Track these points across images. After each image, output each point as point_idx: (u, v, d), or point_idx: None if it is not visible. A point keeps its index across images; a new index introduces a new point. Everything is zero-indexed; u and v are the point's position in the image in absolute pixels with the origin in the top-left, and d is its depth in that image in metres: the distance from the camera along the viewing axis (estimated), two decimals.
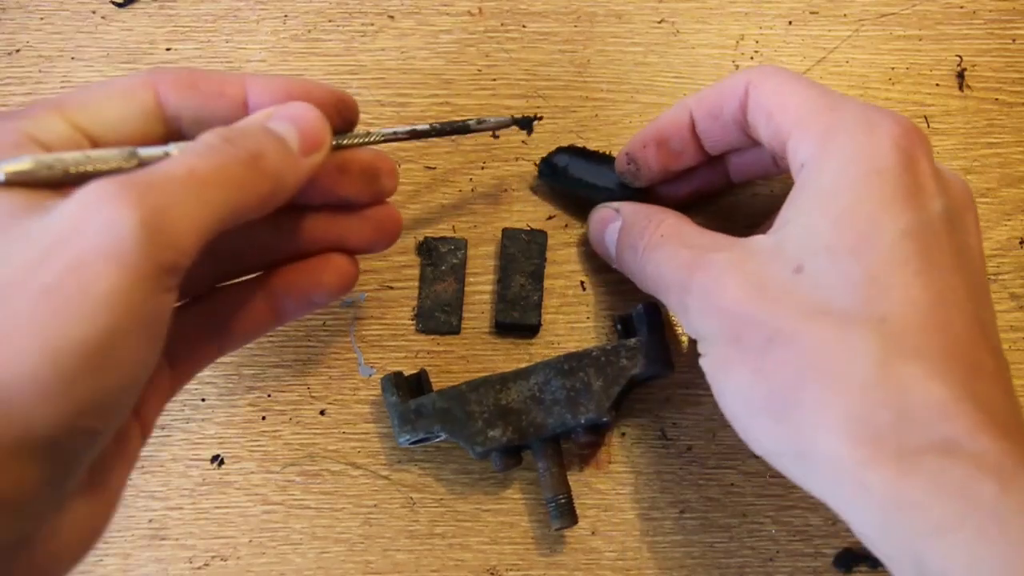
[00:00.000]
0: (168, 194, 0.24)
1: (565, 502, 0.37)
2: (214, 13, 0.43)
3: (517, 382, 0.37)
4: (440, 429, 0.36)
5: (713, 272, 0.30)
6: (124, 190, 0.24)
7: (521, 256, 0.40)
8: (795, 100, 0.31)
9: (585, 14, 0.44)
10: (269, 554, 0.39)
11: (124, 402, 0.26)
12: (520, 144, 0.42)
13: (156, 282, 0.24)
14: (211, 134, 0.27)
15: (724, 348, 0.30)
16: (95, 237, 0.23)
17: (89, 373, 0.23)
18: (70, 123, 0.28)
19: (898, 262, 0.28)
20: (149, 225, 0.24)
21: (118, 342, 0.23)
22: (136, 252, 0.23)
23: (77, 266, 0.23)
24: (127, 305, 0.23)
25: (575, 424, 0.36)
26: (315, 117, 0.30)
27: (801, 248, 0.29)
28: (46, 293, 0.23)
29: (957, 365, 0.27)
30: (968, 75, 0.44)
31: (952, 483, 0.24)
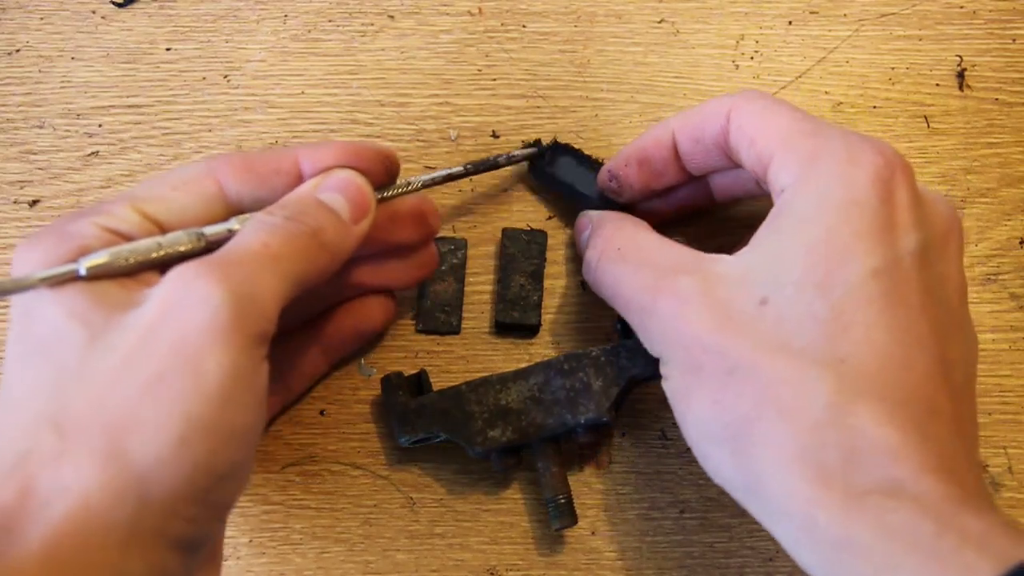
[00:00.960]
0: (250, 268, 0.26)
1: (565, 502, 0.37)
2: (214, 13, 0.43)
3: (517, 382, 0.37)
4: (440, 429, 0.36)
5: (677, 298, 0.30)
6: (209, 269, 0.26)
7: (521, 256, 0.40)
8: (777, 125, 0.31)
9: (585, 14, 0.44)
10: (269, 554, 0.39)
11: (244, 471, 0.27)
12: (520, 145, 0.42)
13: (254, 351, 0.26)
14: (272, 212, 0.29)
15: (685, 376, 0.30)
16: (192, 315, 0.25)
17: (214, 450, 0.25)
18: (140, 213, 0.29)
19: (863, 301, 0.27)
20: (239, 297, 0.25)
21: (234, 414, 0.25)
22: (232, 324, 0.25)
23: (182, 346, 0.25)
24: (235, 377, 0.25)
25: (575, 424, 0.36)
26: (360, 184, 0.32)
27: (769, 279, 0.29)
28: (160, 378, 0.24)
29: (911, 408, 0.27)
30: (968, 75, 0.44)
31: (895, 525, 0.25)
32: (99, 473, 0.24)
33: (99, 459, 0.24)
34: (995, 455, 0.40)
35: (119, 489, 0.24)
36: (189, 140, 0.42)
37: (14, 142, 0.42)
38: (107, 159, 0.42)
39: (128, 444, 0.24)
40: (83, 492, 0.24)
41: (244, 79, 0.43)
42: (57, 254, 0.27)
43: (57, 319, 0.26)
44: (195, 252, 0.29)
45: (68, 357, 0.25)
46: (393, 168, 0.34)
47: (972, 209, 0.42)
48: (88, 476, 0.24)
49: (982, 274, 0.42)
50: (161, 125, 0.42)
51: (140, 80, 0.43)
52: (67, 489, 0.24)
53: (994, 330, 0.41)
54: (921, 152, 0.43)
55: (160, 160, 0.42)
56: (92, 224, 0.28)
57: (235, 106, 0.42)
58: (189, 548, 0.26)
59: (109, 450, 0.24)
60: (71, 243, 0.27)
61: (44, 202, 0.41)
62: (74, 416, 0.25)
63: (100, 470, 0.24)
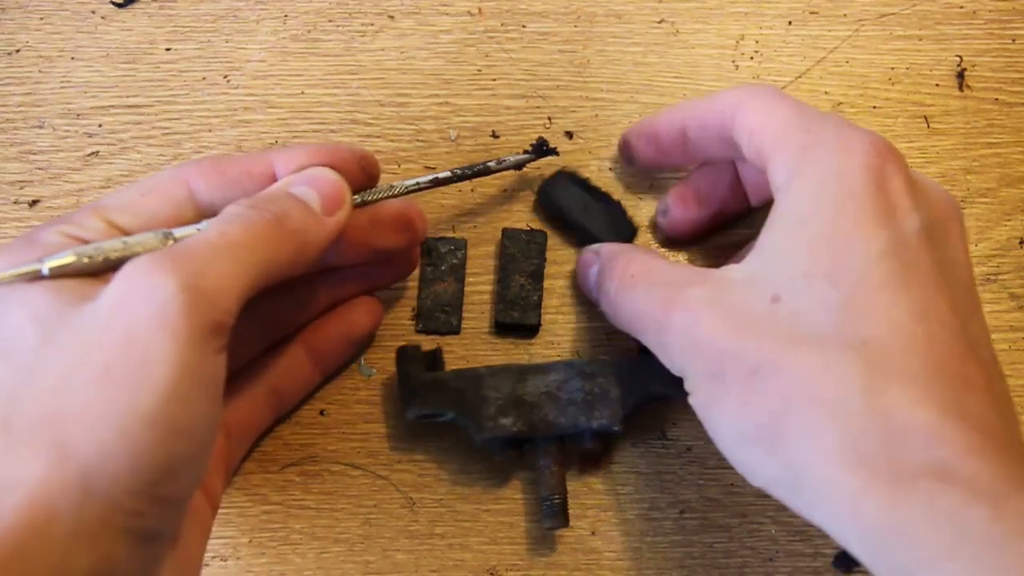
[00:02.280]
0: (203, 258, 0.26)
1: (560, 503, 0.37)
2: (214, 13, 0.43)
3: (536, 375, 0.36)
4: (452, 408, 0.36)
5: (690, 309, 0.30)
6: (161, 261, 0.25)
7: (521, 256, 0.40)
8: (774, 121, 0.31)
9: (585, 14, 0.44)
10: (269, 554, 0.39)
11: (195, 467, 0.27)
12: (520, 145, 0.42)
13: (205, 343, 0.25)
14: (236, 204, 0.29)
15: (709, 384, 0.29)
16: (141, 308, 0.25)
17: (158, 442, 0.24)
18: (106, 221, 0.29)
19: (875, 284, 0.27)
20: (190, 288, 0.25)
21: (180, 407, 0.25)
22: (182, 316, 0.25)
23: (129, 339, 0.24)
24: (183, 369, 0.24)
25: (586, 428, 0.36)
26: (333, 178, 0.31)
27: (777, 277, 0.29)
28: (106, 370, 0.24)
29: (944, 383, 0.26)
30: (968, 75, 0.44)
31: (946, 510, 0.24)
32: (42, 465, 0.24)
33: (41, 451, 0.24)
34: None
35: (62, 480, 0.24)
36: (189, 140, 0.42)
37: (14, 142, 0.42)
38: (107, 159, 0.42)
39: (70, 436, 0.24)
40: (27, 484, 0.23)
41: (244, 79, 0.43)
42: (21, 259, 0.27)
43: (16, 321, 0.26)
44: None
45: (22, 357, 0.25)
46: (371, 169, 0.34)
47: (972, 209, 0.42)
48: (31, 468, 0.24)
49: (982, 274, 0.42)
50: (161, 125, 0.42)
51: (140, 80, 0.43)
52: (11, 482, 0.24)
53: (994, 330, 0.41)
54: (921, 152, 0.43)
55: (160, 160, 0.42)
56: (57, 232, 0.28)
57: (235, 106, 0.42)
58: (142, 540, 0.25)
59: (52, 442, 0.24)
60: (36, 251, 0.28)
61: (44, 202, 0.41)
62: (22, 413, 0.25)
63: (43, 462, 0.24)
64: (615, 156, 0.42)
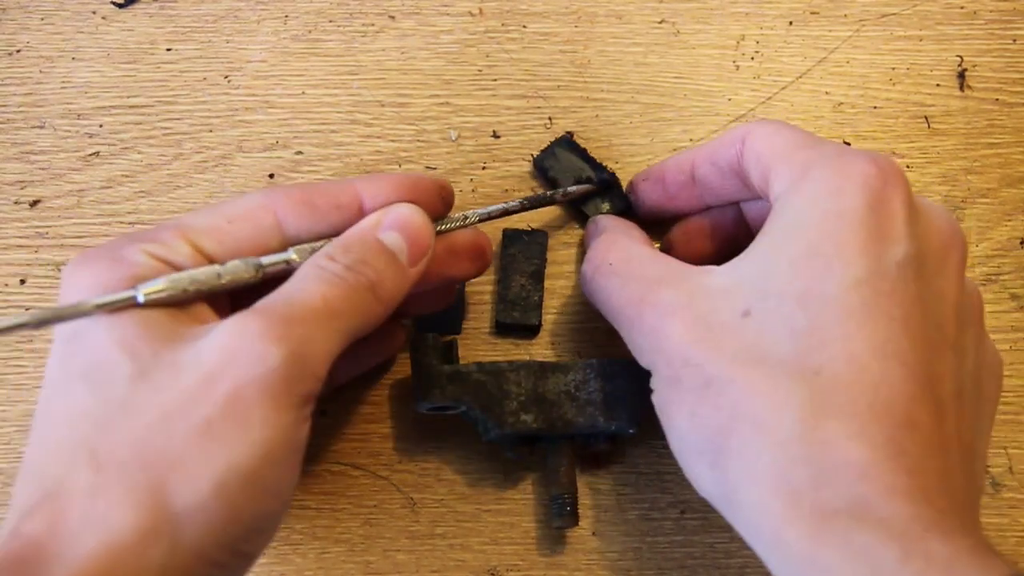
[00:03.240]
0: (308, 327, 0.27)
1: (570, 501, 0.37)
2: (215, 13, 0.43)
3: (556, 374, 0.36)
4: (472, 401, 0.35)
5: (660, 312, 0.30)
6: (269, 325, 0.26)
7: (521, 256, 0.40)
8: (781, 141, 0.31)
9: (585, 14, 0.44)
10: (269, 554, 0.39)
11: (276, 525, 0.28)
12: (520, 145, 0.42)
13: (300, 411, 0.26)
14: (334, 258, 0.29)
15: (667, 388, 0.30)
16: (248, 371, 0.25)
17: (250, 500, 0.25)
18: (193, 246, 0.29)
19: (842, 313, 0.27)
20: (295, 358, 0.26)
21: (274, 470, 0.26)
22: (285, 384, 0.26)
23: (235, 399, 0.25)
24: (280, 433, 0.25)
25: (604, 429, 0.36)
26: (421, 224, 0.31)
27: (753, 290, 0.28)
28: (208, 424, 0.25)
29: (884, 422, 0.26)
30: (969, 75, 0.44)
31: (860, 548, 0.24)
32: (134, 511, 0.24)
33: (135, 496, 0.24)
34: (995, 455, 0.40)
35: (153, 529, 0.24)
36: (189, 140, 0.42)
37: (14, 142, 0.42)
38: (108, 159, 0.42)
39: (168, 485, 0.24)
40: (115, 529, 0.24)
41: (245, 79, 0.43)
42: (109, 279, 0.27)
43: (105, 347, 0.26)
44: (252, 282, 0.29)
45: (113, 388, 0.25)
46: (449, 198, 0.34)
47: (972, 209, 0.42)
48: (122, 513, 0.24)
49: (982, 274, 0.42)
50: (162, 125, 0.42)
51: (141, 80, 0.43)
52: (99, 524, 0.24)
53: (994, 330, 0.41)
54: (922, 152, 0.43)
55: (161, 160, 0.42)
56: (144, 252, 0.28)
57: (236, 106, 0.42)
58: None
59: (147, 489, 0.24)
60: (123, 269, 0.27)
61: (44, 202, 0.41)
62: (114, 450, 0.25)
63: (135, 508, 0.24)
64: (615, 156, 0.42)
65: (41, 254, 0.41)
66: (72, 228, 0.41)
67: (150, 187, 0.41)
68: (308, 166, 0.42)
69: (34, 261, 0.41)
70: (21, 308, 0.40)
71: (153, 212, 0.41)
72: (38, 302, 0.40)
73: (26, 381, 0.39)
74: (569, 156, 0.41)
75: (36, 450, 0.26)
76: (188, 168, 0.42)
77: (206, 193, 0.41)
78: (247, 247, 0.30)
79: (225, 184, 0.41)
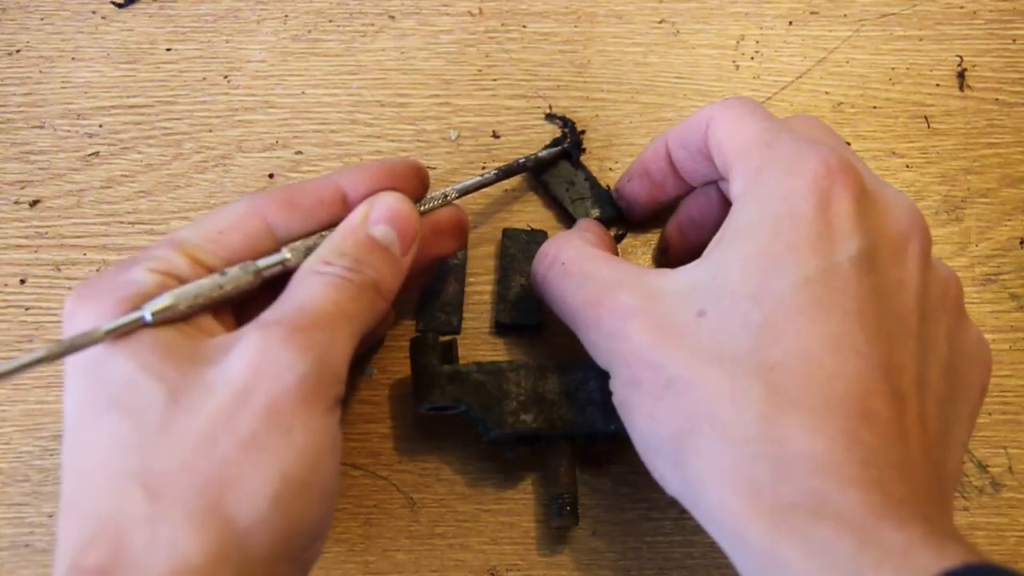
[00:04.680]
0: (327, 332, 0.27)
1: (570, 501, 0.37)
2: (214, 13, 0.43)
3: (556, 374, 0.36)
4: (472, 401, 0.35)
5: (617, 314, 0.30)
6: (291, 334, 0.27)
7: (521, 256, 0.40)
8: (740, 134, 0.31)
9: (585, 14, 0.44)
10: None
11: (328, 529, 0.28)
12: (520, 145, 0.42)
13: (332, 413, 0.27)
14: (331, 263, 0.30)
15: (627, 390, 0.30)
16: (282, 382, 0.26)
17: (306, 506, 0.26)
18: (191, 259, 0.29)
19: (795, 310, 0.27)
20: (321, 363, 0.27)
21: (319, 473, 0.26)
22: (315, 389, 0.26)
23: (273, 411, 0.25)
24: (320, 437, 0.26)
25: (604, 429, 0.36)
26: (407, 212, 0.32)
27: (708, 291, 0.29)
28: (254, 439, 0.25)
29: (840, 414, 0.26)
30: (968, 75, 0.44)
31: (817, 541, 0.24)
32: (198, 535, 0.24)
33: (197, 521, 0.24)
34: (995, 455, 0.40)
35: (221, 550, 0.24)
36: (189, 140, 0.42)
37: (14, 142, 0.42)
38: (107, 159, 0.42)
39: (227, 504, 0.24)
40: (184, 555, 0.24)
41: (244, 79, 0.43)
42: (115, 303, 0.27)
43: (131, 373, 0.26)
44: (252, 287, 0.29)
45: (148, 414, 0.25)
46: (425, 179, 0.34)
47: (972, 209, 0.42)
48: (187, 538, 0.24)
49: (982, 274, 0.42)
50: (161, 125, 0.42)
51: (140, 80, 0.43)
52: (166, 551, 0.24)
53: (994, 330, 0.41)
54: (921, 152, 0.43)
55: (160, 160, 0.42)
56: (145, 270, 0.28)
57: (235, 106, 0.42)
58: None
59: (207, 511, 0.24)
60: (127, 290, 0.27)
61: (44, 202, 0.41)
62: (163, 476, 0.25)
63: (199, 532, 0.24)
64: (615, 156, 0.42)
65: (41, 254, 0.41)
66: (72, 228, 0.41)
67: (150, 187, 0.41)
68: (308, 166, 0.42)
69: (34, 261, 0.41)
70: (21, 308, 0.40)
71: (153, 212, 0.41)
72: (38, 302, 0.40)
73: (26, 381, 0.39)
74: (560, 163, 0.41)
75: (76, 485, 0.26)
76: (188, 168, 0.42)
77: (206, 193, 0.41)
78: (242, 254, 0.30)
79: (225, 184, 0.41)
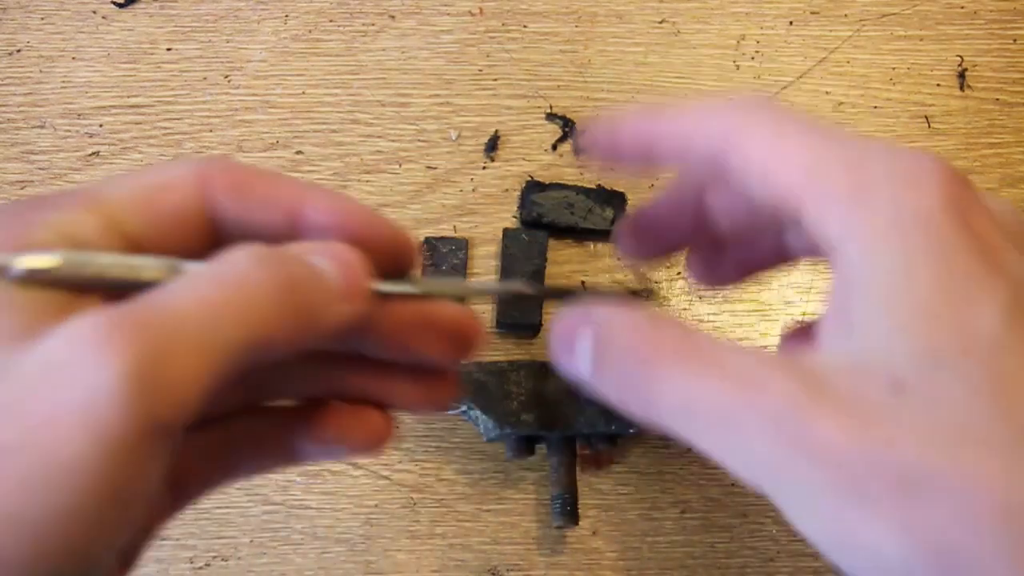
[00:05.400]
0: (174, 335, 0.20)
1: (571, 501, 0.37)
2: (215, 13, 0.43)
3: (556, 374, 0.36)
4: (472, 400, 0.36)
5: (783, 409, 0.23)
6: (118, 331, 0.19)
7: (522, 256, 0.40)
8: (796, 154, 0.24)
9: (586, 14, 0.44)
10: (270, 554, 0.39)
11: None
12: (520, 145, 0.42)
13: (139, 449, 0.19)
14: (241, 252, 0.22)
15: (836, 500, 0.22)
16: (70, 390, 0.19)
17: (48, 558, 0.19)
18: (105, 219, 0.23)
19: (1020, 345, 0.22)
20: (142, 378, 0.19)
21: (78, 522, 0.19)
22: (118, 413, 0.19)
23: (42, 425, 0.19)
24: (95, 478, 0.19)
25: (604, 429, 0.36)
26: (358, 261, 0.24)
27: (890, 359, 0.23)
28: (4, 455, 0.19)
29: None
30: (969, 75, 0.44)
31: None
32: None
33: None
34: None
35: None
36: (189, 140, 0.42)
37: (15, 142, 0.42)
38: (108, 159, 0.42)
39: None
40: None
41: (245, 79, 0.43)
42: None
43: None
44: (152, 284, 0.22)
45: None
46: (405, 256, 0.27)
47: None
48: None
49: None
50: (162, 125, 0.42)
51: (141, 80, 0.43)
52: None
53: None
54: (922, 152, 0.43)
55: (161, 160, 0.42)
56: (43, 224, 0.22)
57: (236, 106, 0.42)
58: None
59: None
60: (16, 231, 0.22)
61: None
62: None
63: None
64: None
65: None
66: None
67: None
68: (308, 166, 0.42)
69: None
70: None
71: None
72: None
73: None
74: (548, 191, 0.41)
75: None
76: None
77: None
78: (169, 227, 0.24)
79: None
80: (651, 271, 0.39)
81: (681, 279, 0.41)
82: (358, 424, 0.28)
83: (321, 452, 0.28)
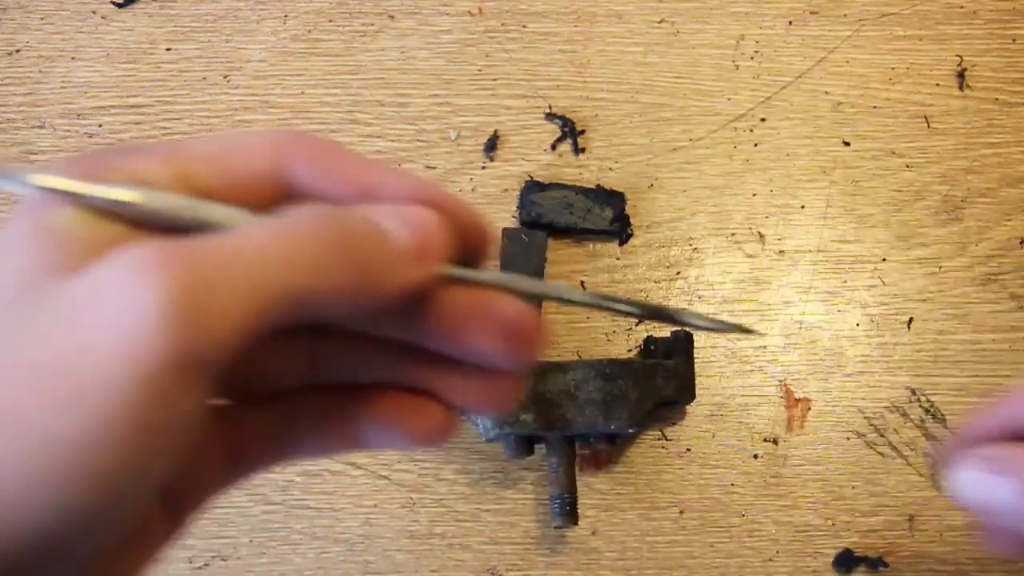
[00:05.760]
0: (218, 270, 0.19)
1: (570, 501, 0.37)
2: (214, 13, 0.43)
3: (556, 373, 0.36)
4: None
5: None
6: (165, 258, 0.19)
7: (521, 256, 0.40)
8: None
9: (585, 14, 0.44)
10: (269, 554, 0.39)
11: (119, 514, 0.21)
12: (520, 145, 0.42)
13: (172, 379, 0.19)
14: (305, 208, 0.22)
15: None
16: (110, 313, 0.19)
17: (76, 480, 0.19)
18: (178, 171, 0.23)
19: None
20: (181, 307, 0.19)
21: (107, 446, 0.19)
22: (155, 339, 0.19)
23: (83, 349, 0.19)
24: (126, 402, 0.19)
25: (604, 429, 0.36)
26: (435, 222, 0.24)
27: None
28: (44, 376, 0.19)
29: None
30: (968, 75, 0.44)
31: None
32: None
33: None
34: None
35: None
36: (190, 140, 0.42)
37: (14, 142, 0.42)
38: None
39: None
40: None
41: (244, 79, 0.43)
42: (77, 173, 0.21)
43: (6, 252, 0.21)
44: None
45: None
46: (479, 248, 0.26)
47: (972, 209, 0.42)
48: None
49: (982, 274, 0.42)
50: (161, 125, 0.42)
51: (140, 80, 0.43)
52: None
53: (994, 330, 0.41)
54: (921, 152, 0.43)
55: None
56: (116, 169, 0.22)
57: (235, 106, 0.42)
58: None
59: None
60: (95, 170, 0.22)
61: None
62: None
63: None
64: (615, 156, 0.42)
65: None
66: None
67: None
68: None
69: None
70: None
71: None
72: None
73: None
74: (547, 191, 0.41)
75: None
76: None
77: None
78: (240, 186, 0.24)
79: None
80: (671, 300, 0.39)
81: (681, 279, 0.41)
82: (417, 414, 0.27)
83: (382, 439, 0.28)
